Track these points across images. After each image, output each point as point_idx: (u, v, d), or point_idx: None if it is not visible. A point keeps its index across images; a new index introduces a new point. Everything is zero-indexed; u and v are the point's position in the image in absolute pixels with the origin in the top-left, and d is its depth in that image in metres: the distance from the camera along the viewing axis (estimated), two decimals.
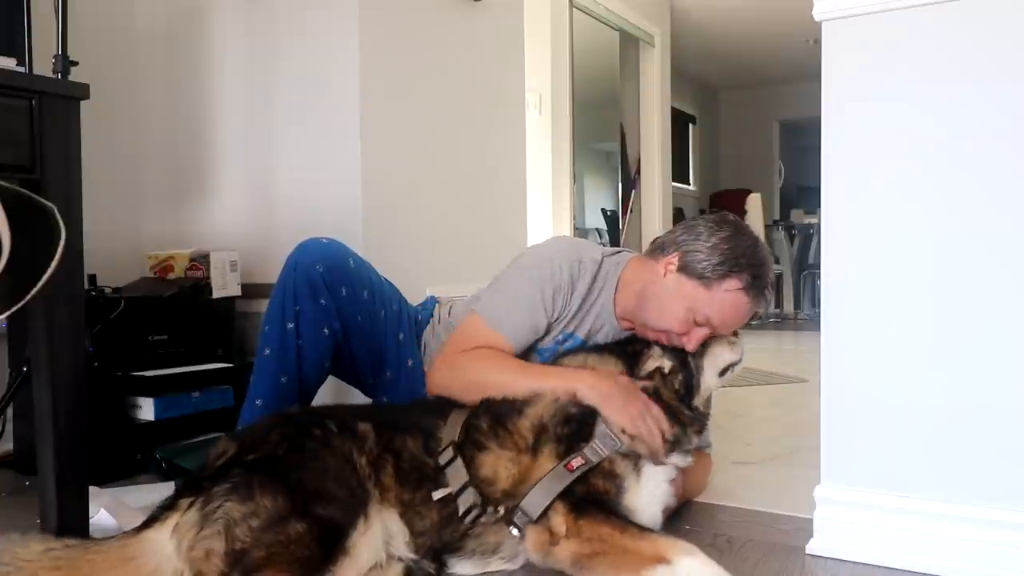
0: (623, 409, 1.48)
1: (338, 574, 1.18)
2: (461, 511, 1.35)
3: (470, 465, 1.40)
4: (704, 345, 1.64)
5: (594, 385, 1.52)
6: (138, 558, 1.18)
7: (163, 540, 1.19)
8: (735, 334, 1.70)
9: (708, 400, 1.78)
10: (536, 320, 1.69)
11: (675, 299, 1.63)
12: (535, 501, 1.34)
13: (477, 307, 1.72)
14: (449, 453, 1.41)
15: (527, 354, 1.74)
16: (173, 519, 1.20)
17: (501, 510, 1.36)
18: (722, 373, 1.66)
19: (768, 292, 1.68)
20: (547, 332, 1.73)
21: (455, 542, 1.36)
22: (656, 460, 1.48)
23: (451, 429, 1.47)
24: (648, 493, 1.45)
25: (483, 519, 1.36)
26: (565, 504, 1.33)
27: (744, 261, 1.62)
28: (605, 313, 1.76)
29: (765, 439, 2.52)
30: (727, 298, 1.62)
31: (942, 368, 1.42)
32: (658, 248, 1.73)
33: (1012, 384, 1.36)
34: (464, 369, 1.62)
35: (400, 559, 1.32)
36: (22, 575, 1.13)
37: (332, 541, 1.19)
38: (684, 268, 1.64)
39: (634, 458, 1.44)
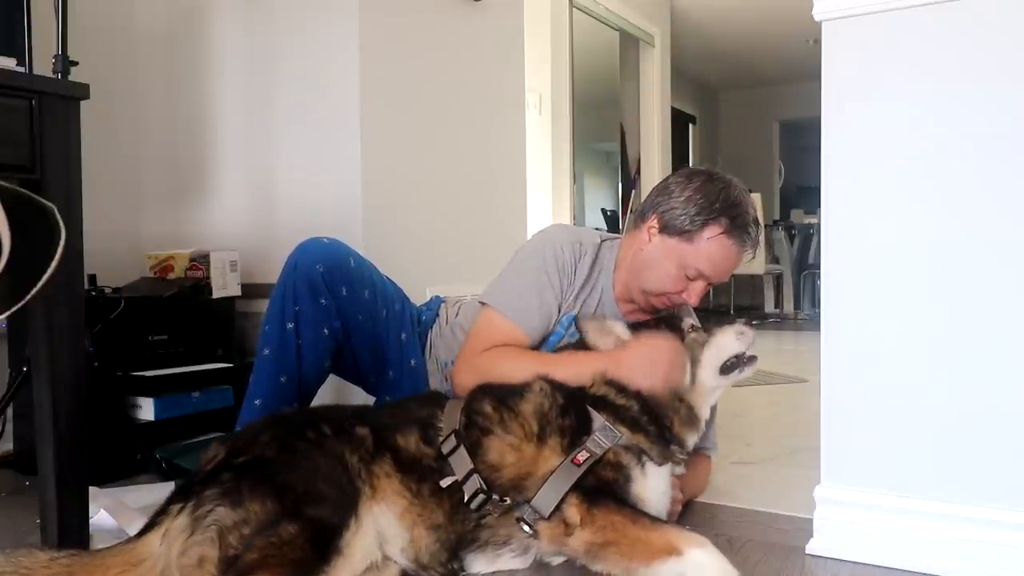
0: (651, 382, 1.52)
1: (332, 574, 1.18)
2: (466, 498, 1.35)
3: (476, 450, 1.40)
4: (708, 334, 1.62)
5: (609, 371, 1.53)
6: (147, 560, 1.18)
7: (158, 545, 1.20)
8: (748, 324, 1.64)
9: (713, 408, 1.77)
10: (547, 303, 1.70)
11: (663, 260, 1.67)
12: (546, 498, 1.34)
13: (489, 300, 1.71)
14: (452, 441, 1.40)
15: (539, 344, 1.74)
16: (164, 524, 1.20)
17: (508, 500, 1.36)
18: (726, 370, 1.60)
19: (752, 230, 1.68)
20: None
21: (469, 532, 1.35)
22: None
23: (450, 417, 1.46)
24: (654, 483, 1.45)
25: (490, 506, 1.35)
26: (577, 495, 1.33)
27: (719, 206, 1.65)
28: (606, 298, 1.78)
29: (765, 439, 2.52)
30: (712, 246, 1.65)
31: (942, 368, 1.42)
32: (639, 216, 1.77)
33: (1012, 384, 1.36)
34: (486, 369, 1.61)
35: (396, 561, 1.32)
36: None
37: (325, 541, 1.19)
38: (665, 227, 1.68)
39: (636, 450, 1.45)
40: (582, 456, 1.38)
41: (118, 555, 1.20)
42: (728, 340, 1.61)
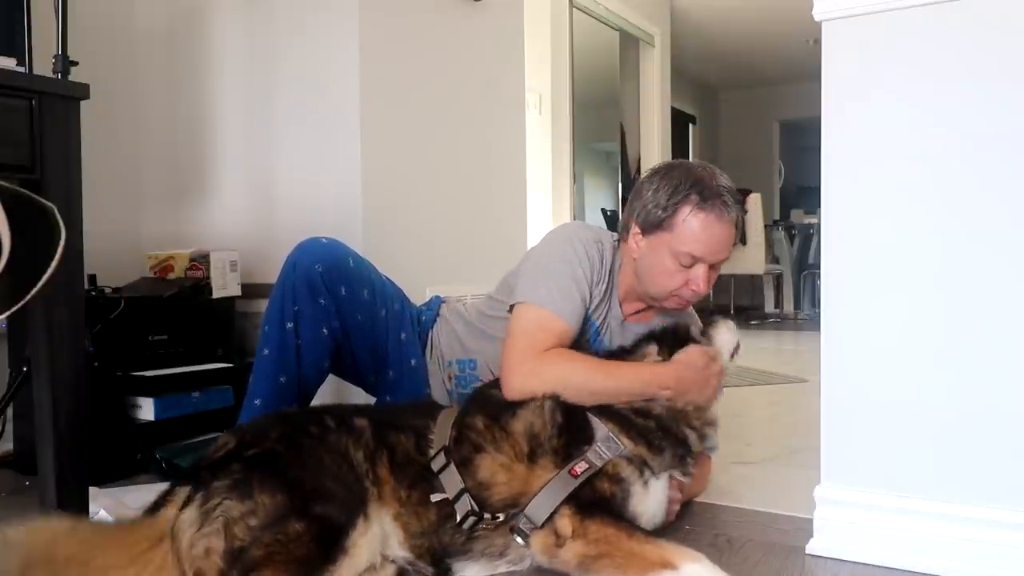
0: (701, 395, 1.60)
1: (336, 574, 1.18)
2: (458, 518, 1.33)
3: (467, 466, 1.38)
4: (710, 327, 1.71)
5: (677, 377, 1.57)
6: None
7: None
8: (724, 315, 1.78)
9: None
10: (583, 296, 1.70)
11: (656, 258, 1.67)
12: (540, 507, 1.32)
13: (528, 298, 1.66)
14: (441, 459, 1.38)
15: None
16: (174, 507, 1.21)
17: (501, 516, 1.34)
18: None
19: (727, 196, 1.64)
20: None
21: (460, 545, 1.33)
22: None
23: (441, 432, 1.43)
24: (655, 500, 1.45)
25: (482, 526, 1.33)
26: (571, 507, 1.32)
27: (683, 187, 1.65)
28: (613, 300, 1.78)
29: (765, 439, 2.52)
30: (691, 225, 1.63)
31: (942, 368, 1.42)
32: (623, 228, 1.78)
33: (1012, 384, 1.36)
34: (546, 375, 1.55)
35: (393, 560, 1.31)
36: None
37: (331, 540, 1.18)
38: (644, 228, 1.69)
39: (638, 463, 1.43)
40: (580, 467, 1.37)
41: (143, 528, 1.21)
42: (728, 336, 1.72)
